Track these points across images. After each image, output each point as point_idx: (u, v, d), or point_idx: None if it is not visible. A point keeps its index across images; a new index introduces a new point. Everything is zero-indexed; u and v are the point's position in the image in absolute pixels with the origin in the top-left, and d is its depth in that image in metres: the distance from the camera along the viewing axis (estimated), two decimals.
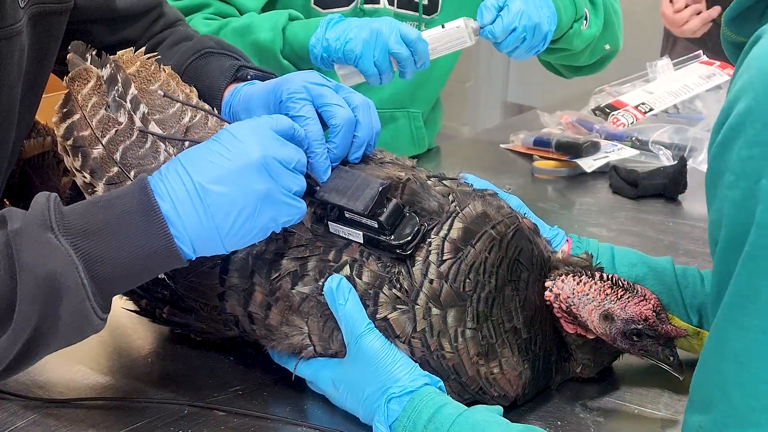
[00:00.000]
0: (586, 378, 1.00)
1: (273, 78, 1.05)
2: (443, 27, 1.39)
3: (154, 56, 1.00)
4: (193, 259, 0.84)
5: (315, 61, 1.39)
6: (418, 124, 1.75)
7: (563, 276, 0.95)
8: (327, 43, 1.36)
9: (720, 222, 0.71)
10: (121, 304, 1.11)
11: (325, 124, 0.96)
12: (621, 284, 0.93)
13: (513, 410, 0.94)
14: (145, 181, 0.82)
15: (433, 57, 1.38)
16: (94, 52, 0.96)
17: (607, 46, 1.66)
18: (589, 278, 0.94)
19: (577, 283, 0.93)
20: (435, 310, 0.90)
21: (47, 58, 1.05)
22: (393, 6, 1.62)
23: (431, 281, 0.90)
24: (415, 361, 0.90)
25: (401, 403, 0.87)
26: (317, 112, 0.96)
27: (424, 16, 1.64)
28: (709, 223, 0.75)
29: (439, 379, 0.89)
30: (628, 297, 0.92)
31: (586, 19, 1.55)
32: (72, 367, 1.04)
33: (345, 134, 0.96)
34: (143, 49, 1.00)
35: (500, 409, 0.87)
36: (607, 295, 0.92)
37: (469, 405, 0.87)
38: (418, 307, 0.90)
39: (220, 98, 1.07)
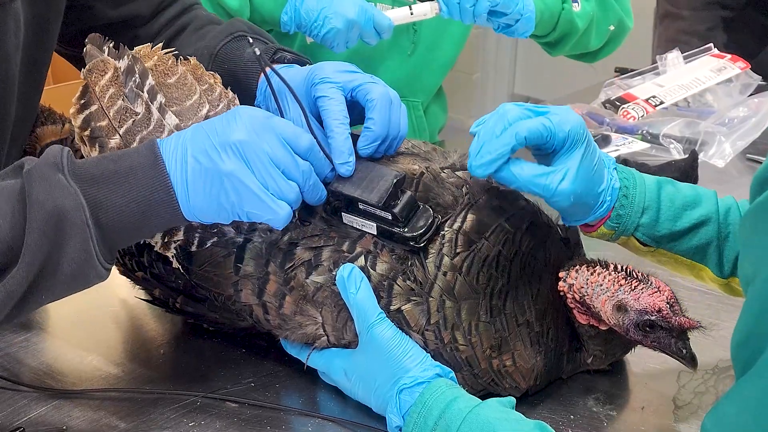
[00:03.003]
0: (599, 371, 1.00)
1: (309, 64, 1.06)
2: (412, 13, 1.45)
3: (172, 51, 1.00)
4: (186, 220, 0.85)
5: (285, 29, 1.44)
6: (418, 114, 1.74)
7: (577, 266, 0.95)
8: (300, 21, 1.40)
9: (757, 263, 0.69)
10: (134, 294, 1.12)
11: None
12: (635, 275, 0.93)
13: (525, 403, 0.94)
14: (155, 141, 0.84)
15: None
16: (111, 44, 0.96)
17: (612, 27, 1.69)
18: (603, 269, 0.93)
19: (591, 274, 0.93)
20: (449, 303, 0.90)
21: (48, 33, 1.05)
22: None
23: (445, 273, 0.90)
24: (428, 353, 0.90)
25: (412, 394, 0.87)
26: (352, 100, 0.97)
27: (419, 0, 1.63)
28: (740, 254, 0.74)
29: (450, 370, 0.90)
30: (642, 288, 0.91)
31: (575, 1, 1.59)
32: (85, 358, 1.04)
33: (382, 109, 0.95)
34: (160, 44, 1.00)
35: (513, 401, 0.86)
36: (621, 285, 0.92)
37: (481, 397, 0.86)
38: (432, 299, 0.90)
39: (257, 80, 1.07)
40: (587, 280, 0.93)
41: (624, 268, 0.94)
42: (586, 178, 0.90)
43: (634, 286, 0.91)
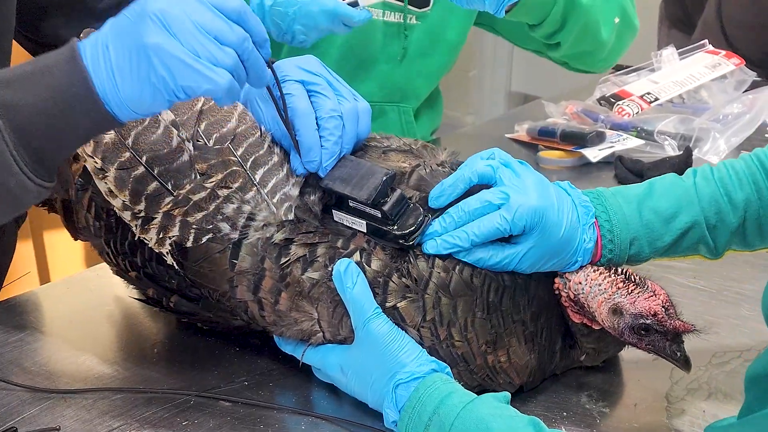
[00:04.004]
0: (592, 367, 1.00)
1: None
2: None
3: None
4: (118, 119, 0.80)
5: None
6: (408, 119, 1.72)
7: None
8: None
9: None
10: (128, 293, 1.12)
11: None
12: (633, 279, 0.93)
13: (518, 399, 0.94)
14: (74, 40, 0.80)
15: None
16: None
17: (617, 19, 1.58)
18: (604, 269, 0.94)
19: (593, 271, 0.94)
20: (445, 300, 0.90)
21: (5, 4, 1.04)
22: None
23: (439, 272, 0.91)
24: (424, 349, 0.90)
25: (408, 389, 0.87)
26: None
27: (412, 7, 1.60)
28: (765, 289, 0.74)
29: (446, 365, 0.90)
30: (639, 292, 0.92)
31: None
32: (78, 358, 1.04)
33: (334, 130, 0.94)
34: None
35: (508, 395, 0.86)
36: (618, 288, 0.92)
37: (477, 392, 0.86)
38: (427, 296, 0.91)
39: None
40: (587, 277, 0.93)
41: (623, 271, 0.94)
42: (546, 253, 0.92)
43: (631, 290, 0.91)
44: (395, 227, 0.90)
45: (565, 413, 0.94)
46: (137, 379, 1.00)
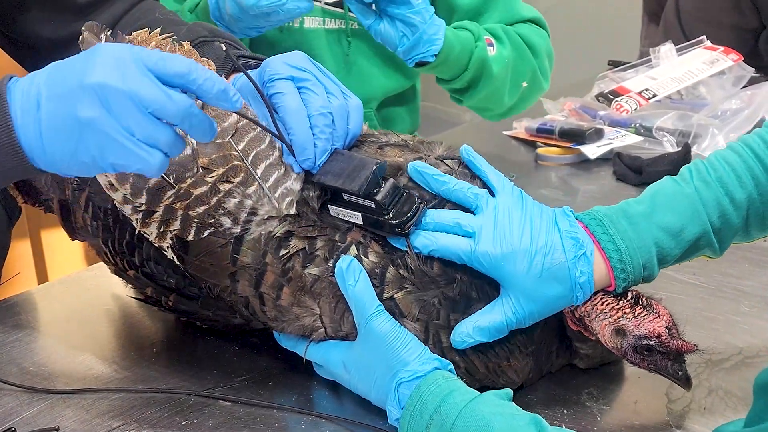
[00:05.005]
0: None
1: None
2: None
3: (170, 36, 0.99)
4: (42, 170, 0.79)
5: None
6: (372, 123, 1.70)
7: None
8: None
9: None
10: (127, 292, 1.11)
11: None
12: (640, 303, 0.92)
13: (518, 398, 0.94)
14: (6, 79, 0.77)
15: None
16: (109, 32, 0.95)
17: (525, 84, 1.58)
18: (613, 299, 0.93)
19: (601, 303, 0.92)
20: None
21: None
22: (320, 2, 1.57)
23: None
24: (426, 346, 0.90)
25: (411, 387, 0.86)
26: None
27: (352, 14, 1.56)
28: None
29: (449, 362, 0.89)
30: (644, 315, 0.91)
31: (491, 45, 1.49)
32: (77, 358, 1.04)
33: (324, 126, 0.94)
34: (158, 30, 0.99)
35: (509, 392, 0.86)
36: (625, 313, 0.91)
37: (479, 389, 0.86)
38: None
39: None
40: (594, 307, 0.92)
41: (633, 295, 0.93)
42: (535, 301, 0.90)
43: (637, 313, 0.91)
44: (390, 216, 0.90)
45: (565, 411, 0.94)
46: (136, 379, 1.00)
